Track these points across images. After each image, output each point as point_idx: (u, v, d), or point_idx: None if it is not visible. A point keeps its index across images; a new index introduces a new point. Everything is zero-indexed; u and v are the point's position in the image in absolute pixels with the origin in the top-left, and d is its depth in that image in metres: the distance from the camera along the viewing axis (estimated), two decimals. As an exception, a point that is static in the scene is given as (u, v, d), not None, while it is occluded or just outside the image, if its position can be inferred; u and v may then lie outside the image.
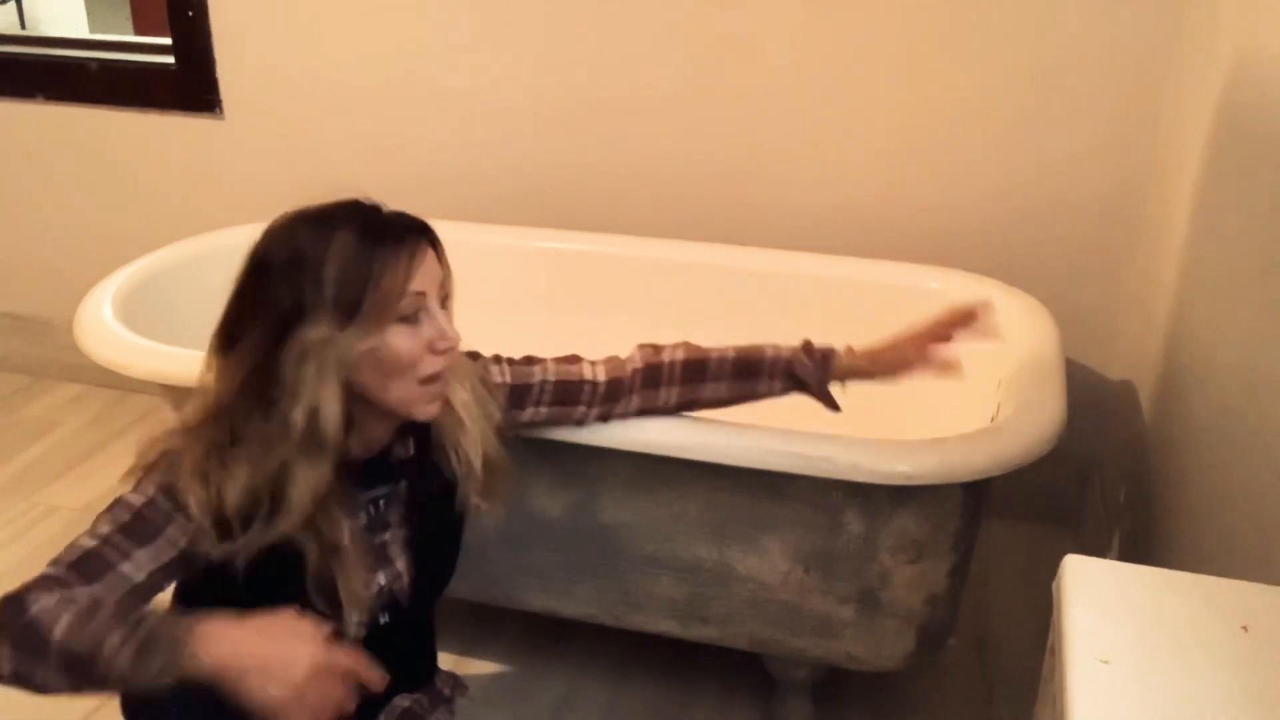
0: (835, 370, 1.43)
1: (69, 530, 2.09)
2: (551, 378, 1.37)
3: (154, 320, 1.77)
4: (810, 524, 1.44)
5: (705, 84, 2.07)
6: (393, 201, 1.19)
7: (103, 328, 1.69)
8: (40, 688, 1.02)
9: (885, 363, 1.44)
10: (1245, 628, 0.80)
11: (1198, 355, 1.45)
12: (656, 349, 1.44)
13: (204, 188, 2.42)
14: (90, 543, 1.10)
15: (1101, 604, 0.83)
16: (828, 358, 1.43)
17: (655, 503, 1.49)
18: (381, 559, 1.26)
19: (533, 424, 1.39)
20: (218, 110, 2.35)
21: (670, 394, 1.42)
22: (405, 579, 1.28)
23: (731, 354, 1.43)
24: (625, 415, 1.42)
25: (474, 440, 1.26)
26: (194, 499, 1.09)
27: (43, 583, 1.06)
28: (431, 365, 1.14)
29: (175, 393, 1.65)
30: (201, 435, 1.12)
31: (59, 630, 1.00)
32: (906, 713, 1.73)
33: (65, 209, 2.54)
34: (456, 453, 1.25)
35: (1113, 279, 1.99)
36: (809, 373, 1.43)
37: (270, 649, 1.01)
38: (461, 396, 1.25)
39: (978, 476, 1.37)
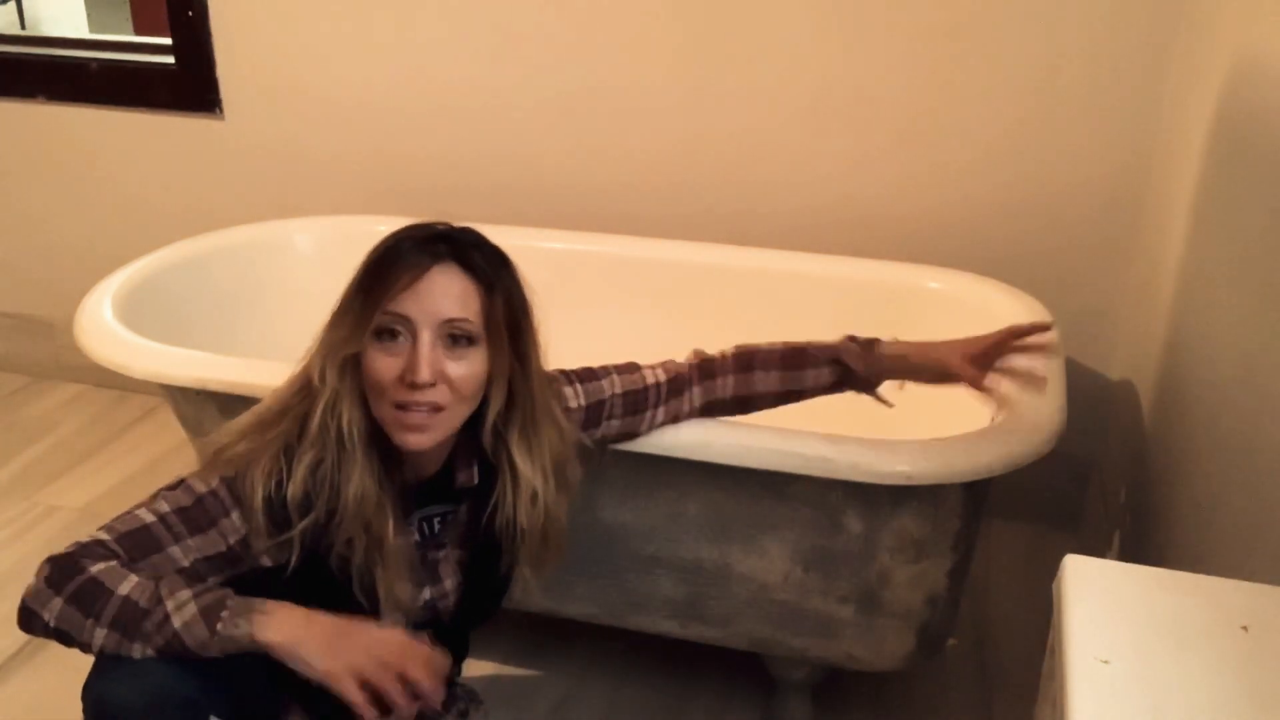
0: (882, 360, 1.41)
1: (69, 530, 2.11)
2: (619, 389, 1.34)
3: (154, 320, 1.77)
4: (810, 524, 1.44)
5: (706, 85, 2.07)
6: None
7: (103, 328, 1.69)
8: (81, 644, 1.07)
9: (930, 361, 1.40)
10: (1245, 628, 0.80)
11: (1198, 355, 1.45)
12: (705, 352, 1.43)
13: (204, 188, 2.42)
14: (147, 517, 1.12)
15: (1101, 604, 0.83)
16: (872, 344, 1.41)
17: (655, 503, 1.49)
18: (431, 576, 1.27)
19: (604, 440, 1.36)
20: (218, 110, 2.35)
21: (727, 382, 1.40)
22: (451, 599, 1.29)
23: (779, 345, 1.43)
24: (692, 413, 1.40)
25: (539, 515, 1.23)
26: (259, 492, 1.12)
27: (96, 548, 1.10)
28: (400, 394, 1.11)
29: (175, 393, 1.66)
30: (278, 433, 1.15)
31: (125, 588, 1.06)
32: (906, 713, 1.73)
33: (65, 209, 2.54)
34: (516, 520, 1.23)
35: (1113, 279, 1.99)
36: (855, 358, 1.40)
37: (337, 629, 1.08)
38: (527, 469, 1.21)
39: (978, 476, 1.37)
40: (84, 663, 1.09)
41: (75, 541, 1.10)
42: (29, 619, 1.08)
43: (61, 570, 1.07)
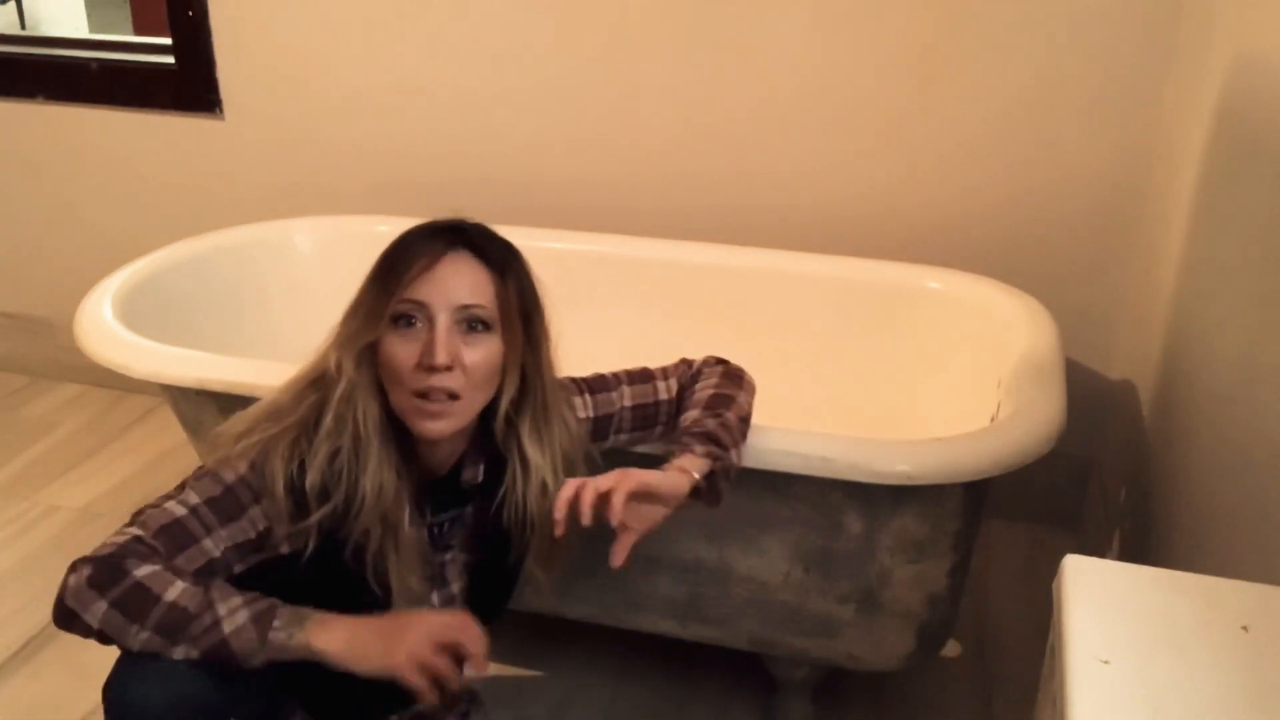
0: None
1: (69, 530, 2.11)
2: (628, 402, 1.34)
3: (154, 320, 1.77)
4: (810, 524, 1.44)
5: (705, 83, 2.07)
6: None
7: (103, 328, 1.69)
8: (122, 646, 1.08)
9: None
10: (1245, 628, 0.80)
11: (1198, 355, 1.45)
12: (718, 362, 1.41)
13: (204, 188, 2.42)
14: (179, 510, 1.12)
15: (1101, 604, 0.83)
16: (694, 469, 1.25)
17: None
18: (439, 579, 1.27)
19: (611, 450, 1.36)
20: (218, 110, 2.35)
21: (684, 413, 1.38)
22: (459, 603, 1.29)
23: (701, 399, 1.34)
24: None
25: (549, 508, 1.22)
26: (280, 479, 1.13)
27: (134, 547, 1.10)
28: (418, 380, 1.12)
29: (175, 393, 1.66)
30: (294, 422, 1.16)
31: (172, 594, 1.06)
32: (906, 713, 1.73)
33: (65, 209, 2.54)
34: (526, 510, 1.23)
35: (1113, 279, 1.99)
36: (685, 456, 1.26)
37: (386, 625, 1.10)
38: (537, 459, 1.21)
39: (978, 476, 1.37)
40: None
41: (110, 541, 1.10)
42: (69, 619, 1.08)
43: (106, 572, 1.07)
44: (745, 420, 1.34)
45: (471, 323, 1.14)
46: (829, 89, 2.01)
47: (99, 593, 1.06)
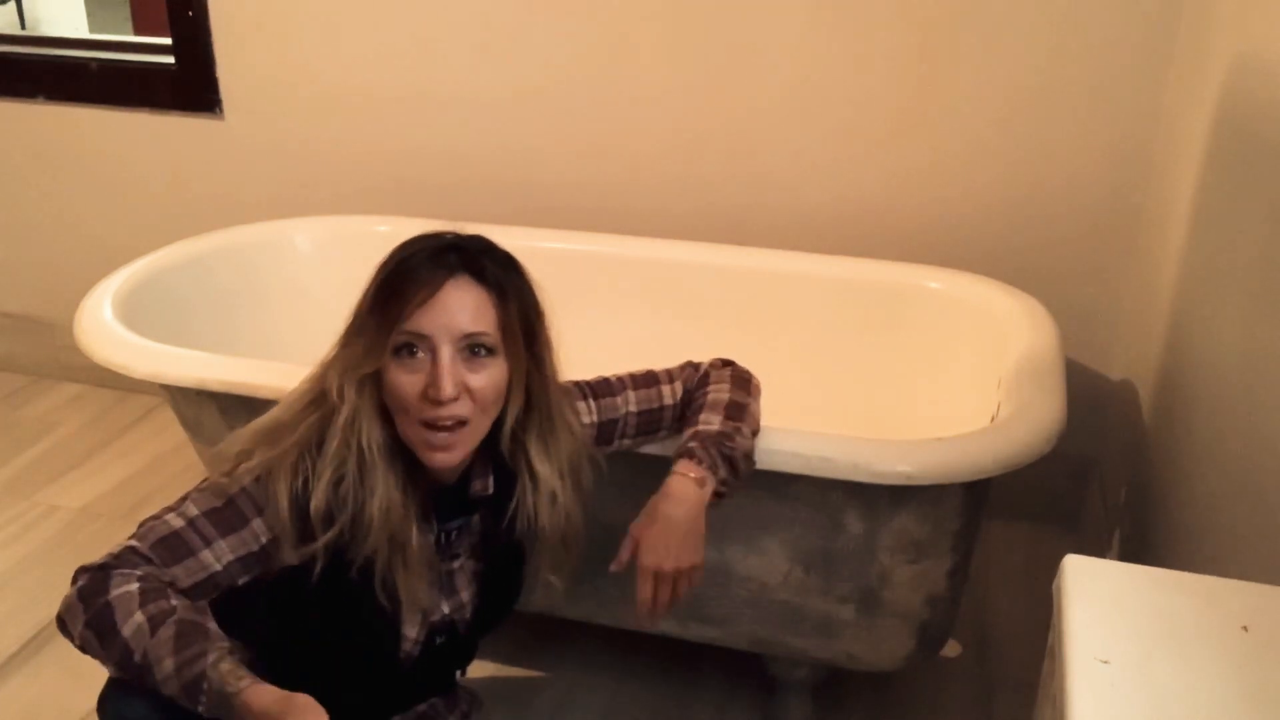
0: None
1: (69, 530, 2.11)
2: (633, 408, 1.34)
3: (154, 320, 1.77)
4: (810, 524, 1.44)
5: (705, 83, 2.07)
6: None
7: (103, 328, 1.69)
8: (104, 664, 1.07)
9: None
10: (1245, 628, 0.80)
11: (1198, 355, 1.45)
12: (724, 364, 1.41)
13: (204, 188, 2.42)
14: (177, 523, 1.12)
15: (1101, 604, 0.83)
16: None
17: (655, 503, 1.49)
18: (448, 588, 1.27)
19: (615, 453, 1.36)
20: (218, 110, 2.35)
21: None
22: (468, 610, 1.29)
23: (703, 402, 1.35)
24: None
25: (559, 517, 1.24)
26: (283, 501, 1.12)
27: (127, 557, 1.09)
28: (424, 411, 1.11)
29: (175, 393, 1.66)
30: (293, 442, 1.14)
31: (127, 629, 1.04)
32: (906, 713, 1.73)
33: (65, 209, 2.54)
34: (537, 522, 1.23)
35: (1112, 279, 1.99)
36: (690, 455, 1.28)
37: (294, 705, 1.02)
38: (545, 471, 1.22)
39: (978, 476, 1.37)
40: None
41: (110, 551, 1.10)
42: (63, 628, 1.09)
43: (92, 585, 1.07)
44: (755, 434, 1.34)
45: (474, 349, 1.13)
46: (829, 90, 2.01)
47: (83, 607, 1.06)
